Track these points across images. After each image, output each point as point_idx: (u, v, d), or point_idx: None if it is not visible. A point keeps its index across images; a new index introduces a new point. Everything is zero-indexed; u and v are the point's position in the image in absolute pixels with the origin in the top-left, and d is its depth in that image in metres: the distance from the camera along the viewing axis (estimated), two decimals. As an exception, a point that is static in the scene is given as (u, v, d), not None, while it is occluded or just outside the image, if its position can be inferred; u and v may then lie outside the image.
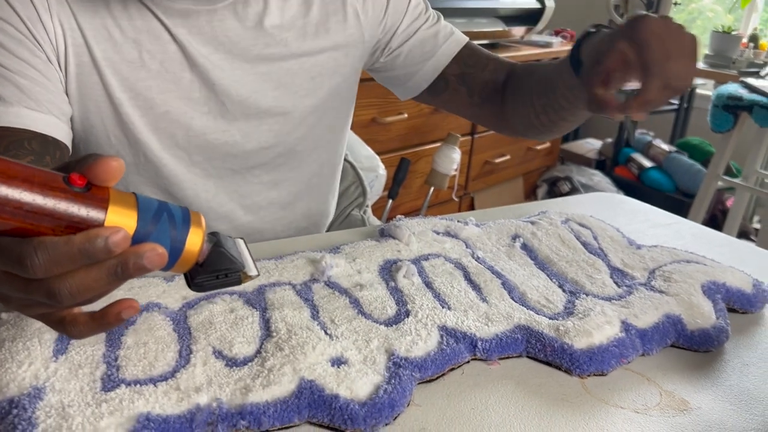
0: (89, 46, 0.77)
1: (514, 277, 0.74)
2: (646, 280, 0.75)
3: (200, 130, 0.85)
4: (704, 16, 3.62)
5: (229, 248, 0.44)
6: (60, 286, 0.38)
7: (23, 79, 0.71)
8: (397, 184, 1.95)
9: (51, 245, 0.36)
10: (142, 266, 0.38)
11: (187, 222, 0.41)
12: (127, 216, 0.39)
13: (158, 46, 0.80)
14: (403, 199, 2.34)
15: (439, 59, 0.95)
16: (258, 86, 0.86)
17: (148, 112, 0.82)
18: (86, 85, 0.78)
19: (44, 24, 0.74)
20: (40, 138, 0.71)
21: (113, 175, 0.38)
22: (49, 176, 0.37)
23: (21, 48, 0.72)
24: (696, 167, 2.99)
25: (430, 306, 0.66)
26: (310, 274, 0.71)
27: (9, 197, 0.35)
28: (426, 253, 0.78)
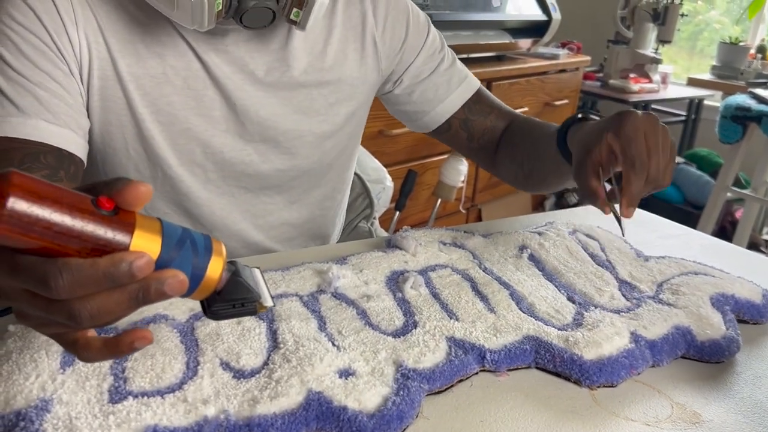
0: (114, 60, 0.78)
1: (522, 287, 0.74)
2: (654, 294, 0.75)
3: (218, 148, 0.86)
4: (711, 27, 3.63)
5: (246, 278, 0.44)
6: (81, 308, 0.37)
7: (43, 91, 0.72)
8: (404, 196, 1.95)
9: (76, 267, 0.36)
10: (163, 292, 0.38)
11: (209, 250, 0.42)
12: (152, 241, 0.39)
13: (182, 63, 0.81)
14: (411, 211, 2.34)
15: (449, 105, 0.98)
16: (278, 110, 0.87)
17: (169, 128, 0.82)
18: (109, 98, 0.79)
19: (70, 36, 0.75)
20: (55, 152, 0.71)
21: (141, 200, 0.38)
22: (78, 198, 0.37)
23: (44, 59, 0.73)
24: (704, 178, 2.98)
25: (438, 317, 0.65)
26: (317, 285, 0.71)
27: (39, 217, 0.35)
28: (433, 264, 0.78)
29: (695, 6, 3.62)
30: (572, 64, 2.86)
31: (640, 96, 3.01)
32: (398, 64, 0.95)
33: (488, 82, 2.41)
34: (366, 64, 0.92)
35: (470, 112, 0.99)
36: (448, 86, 0.97)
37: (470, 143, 1.01)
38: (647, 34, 3.08)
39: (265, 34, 0.84)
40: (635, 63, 3.13)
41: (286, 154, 0.90)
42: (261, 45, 0.84)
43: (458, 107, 0.98)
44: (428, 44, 0.96)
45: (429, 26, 0.97)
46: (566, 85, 2.86)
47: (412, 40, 0.94)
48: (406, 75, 0.96)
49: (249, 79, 0.84)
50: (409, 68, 0.95)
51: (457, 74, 0.98)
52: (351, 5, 0.91)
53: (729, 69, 2.97)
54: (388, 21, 0.92)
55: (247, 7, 0.73)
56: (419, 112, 0.99)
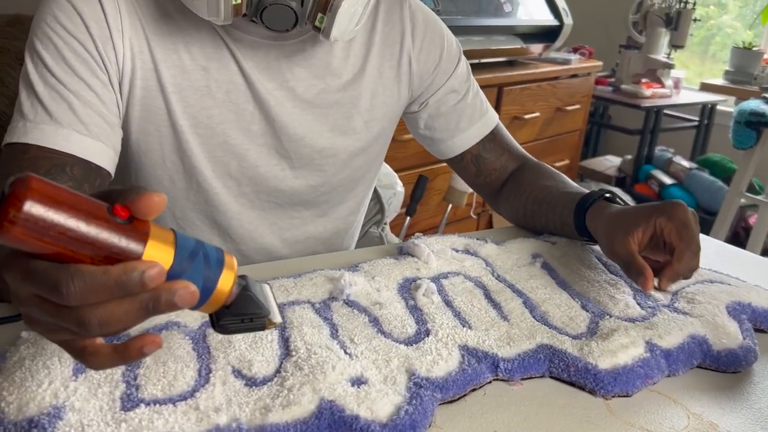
0: (158, 71, 0.78)
1: (535, 295, 0.73)
2: (670, 302, 0.74)
3: (253, 162, 0.86)
4: (724, 32, 3.61)
5: (256, 293, 0.44)
6: (90, 316, 0.37)
7: (78, 100, 0.72)
8: (415, 201, 1.94)
9: (88, 274, 0.36)
10: (173, 303, 0.38)
11: (221, 264, 0.41)
12: (165, 252, 0.39)
13: (226, 76, 0.81)
14: (421, 216, 2.33)
15: (465, 139, 0.98)
16: (315, 126, 0.87)
17: (207, 140, 0.83)
18: (150, 109, 0.79)
19: (115, 46, 0.75)
20: (83, 164, 0.71)
21: (155, 209, 0.38)
22: (94, 205, 0.37)
23: (84, 68, 0.73)
24: (717, 184, 2.96)
25: (451, 325, 0.65)
26: (329, 293, 0.71)
27: (54, 222, 0.35)
28: (445, 272, 0.77)
29: (707, 11, 3.60)
30: (584, 69, 2.85)
31: (652, 101, 3.00)
32: (428, 87, 0.95)
33: (499, 88, 2.41)
34: (400, 83, 0.93)
35: (484, 149, 0.99)
36: (470, 119, 0.97)
37: (477, 178, 1.02)
38: (659, 39, 3.07)
39: (305, 50, 0.84)
40: (647, 68, 3.11)
41: (319, 171, 0.91)
42: (303, 61, 0.84)
43: (474, 143, 0.98)
44: (458, 71, 0.96)
45: (460, 54, 0.98)
46: (578, 90, 2.85)
47: (445, 65, 0.95)
48: (433, 98, 0.96)
49: (289, 95, 0.84)
50: (437, 92, 0.96)
51: (479, 107, 0.98)
52: (390, 24, 0.91)
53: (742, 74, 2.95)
54: (425, 43, 0.93)
55: (267, 4, 0.72)
56: (437, 139, 0.99)
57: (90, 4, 0.73)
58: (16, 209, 0.34)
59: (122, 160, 0.80)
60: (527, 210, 0.94)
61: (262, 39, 0.81)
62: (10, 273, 0.38)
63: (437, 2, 2.15)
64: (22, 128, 0.71)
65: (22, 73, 0.73)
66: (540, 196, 0.92)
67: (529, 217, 0.94)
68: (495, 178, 1.01)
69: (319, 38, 0.84)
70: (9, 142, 0.71)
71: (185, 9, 0.76)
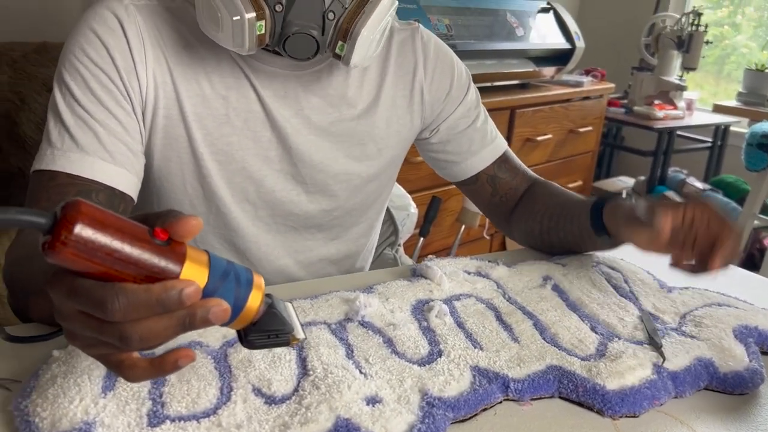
0: (180, 100, 0.81)
1: (545, 317, 0.75)
2: (677, 325, 0.75)
3: (270, 188, 0.89)
4: (738, 52, 3.62)
5: (281, 311, 0.47)
6: (132, 331, 0.40)
7: (103, 129, 0.75)
8: (428, 222, 1.96)
9: (131, 292, 0.39)
10: (207, 320, 0.41)
11: (250, 283, 0.44)
12: (200, 271, 0.42)
13: (244, 105, 0.84)
14: (435, 237, 2.35)
15: (480, 160, 1.01)
16: (330, 153, 0.90)
17: (226, 167, 0.86)
18: (172, 137, 0.82)
19: (139, 77, 0.78)
20: (108, 191, 0.74)
21: (192, 232, 0.41)
22: (137, 228, 0.40)
23: (109, 97, 0.76)
24: (731, 205, 2.95)
25: (463, 346, 0.67)
26: (344, 314, 0.73)
27: (102, 244, 0.38)
28: (457, 293, 0.80)
29: (722, 31, 3.61)
30: (596, 92, 2.87)
31: (665, 123, 3.01)
32: (439, 114, 0.98)
33: (512, 110, 2.43)
34: (412, 112, 0.96)
35: (499, 169, 1.02)
36: (482, 141, 1.00)
37: (492, 198, 1.03)
38: (672, 61, 3.08)
39: (321, 80, 0.87)
40: (660, 90, 3.13)
41: (333, 196, 0.93)
42: (319, 90, 0.87)
43: (488, 164, 1.01)
44: (468, 99, 0.99)
45: (470, 82, 1.01)
46: (590, 112, 2.87)
47: (455, 93, 0.98)
48: (443, 125, 0.99)
49: (306, 123, 0.87)
50: (448, 119, 0.98)
51: (489, 132, 1.01)
52: (403, 54, 0.94)
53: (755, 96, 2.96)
54: (436, 72, 0.96)
55: (290, 33, 0.74)
56: (450, 162, 1.02)
57: (115, 37, 0.77)
58: (67, 231, 0.37)
59: (145, 186, 0.83)
60: (543, 227, 0.96)
61: (280, 69, 0.84)
62: (55, 290, 0.41)
63: (450, 27, 2.19)
64: (50, 156, 0.74)
65: (50, 102, 0.77)
66: (556, 211, 0.94)
67: (545, 234, 0.96)
68: (510, 197, 1.03)
69: (334, 68, 0.87)
70: (38, 169, 0.74)
71: (206, 40, 0.79)
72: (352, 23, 0.75)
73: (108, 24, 0.77)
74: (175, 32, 0.81)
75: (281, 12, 0.74)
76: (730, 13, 3.61)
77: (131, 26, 0.78)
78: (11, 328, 0.67)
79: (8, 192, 1.27)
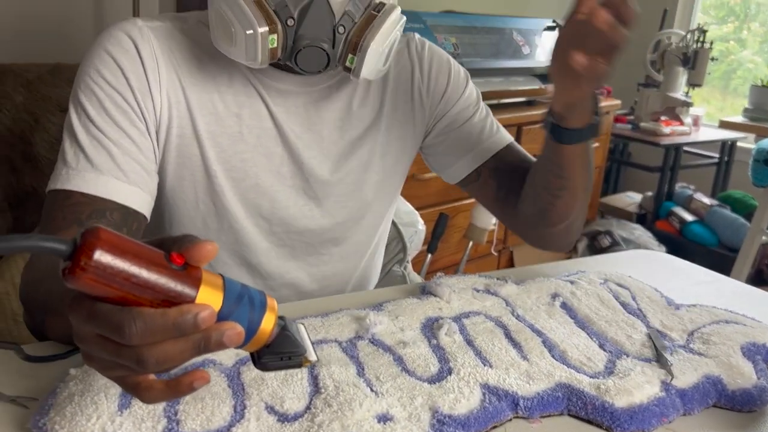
0: (193, 119, 0.83)
1: (554, 335, 0.76)
2: (685, 342, 0.76)
3: (283, 203, 0.90)
4: (744, 67, 3.63)
5: (294, 333, 0.48)
6: (149, 354, 0.41)
7: (117, 149, 0.77)
8: (436, 238, 1.97)
9: (148, 316, 0.40)
10: (222, 343, 0.42)
11: (264, 306, 0.45)
12: (215, 295, 0.43)
13: (257, 122, 0.86)
14: (442, 253, 2.36)
15: (480, 153, 0.98)
16: (339, 166, 0.92)
17: (239, 183, 0.87)
18: (185, 155, 0.84)
19: (153, 97, 0.80)
20: (122, 209, 0.76)
21: (207, 257, 0.43)
22: (154, 254, 0.41)
23: (123, 118, 0.78)
24: (739, 221, 2.95)
25: (472, 364, 0.68)
26: (354, 332, 0.74)
27: (121, 269, 0.39)
28: (467, 311, 0.80)
29: (727, 46, 3.63)
30: (602, 108, 2.89)
31: (671, 138, 3.02)
32: (438, 112, 0.98)
33: (519, 127, 2.45)
34: (414, 117, 0.97)
35: (501, 161, 0.99)
36: (479, 136, 0.99)
37: (498, 192, 0.99)
38: (677, 77, 3.10)
39: (331, 96, 0.89)
40: (666, 106, 3.14)
41: (345, 208, 0.94)
42: (329, 105, 0.89)
43: (489, 156, 0.98)
44: (465, 96, 0.99)
45: (468, 80, 1.01)
46: (597, 129, 2.88)
47: (451, 92, 0.98)
48: (440, 123, 0.99)
49: (316, 138, 0.89)
50: (446, 115, 0.98)
51: (489, 126, 1.00)
52: (400, 64, 0.96)
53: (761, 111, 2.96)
54: (432, 72, 0.97)
55: (301, 46, 0.76)
56: (450, 161, 1.01)
57: (130, 58, 0.79)
58: (87, 257, 0.38)
59: (157, 204, 0.84)
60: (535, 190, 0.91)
61: (291, 86, 0.86)
62: (75, 314, 0.42)
63: (457, 46, 2.21)
64: (65, 175, 0.75)
65: (66, 122, 0.79)
66: (534, 169, 0.92)
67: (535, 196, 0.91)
68: (516, 190, 0.98)
69: (342, 84, 0.89)
70: (53, 189, 0.76)
71: (219, 59, 0.81)
72: (361, 37, 0.77)
73: (123, 45, 0.79)
74: (188, 52, 0.83)
75: (293, 26, 0.75)
76: (735, 28, 3.62)
77: (145, 47, 0.80)
78: (28, 347, 0.68)
79: (23, 211, 1.29)
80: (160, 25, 0.83)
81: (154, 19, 0.84)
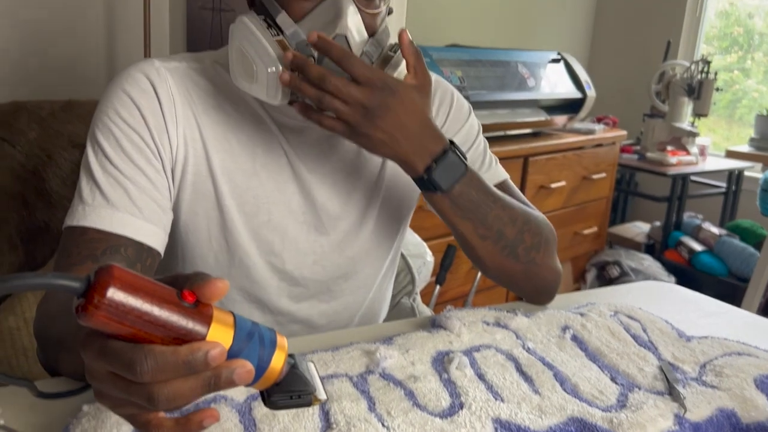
0: (208, 156, 0.84)
1: (565, 368, 0.75)
2: (698, 375, 0.75)
3: (294, 239, 0.90)
4: (749, 96, 3.64)
5: (303, 371, 0.48)
6: (159, 392, 0.41)
7: (133, 186, 0.78)
8: (444, 270, 1.97)
9: (160, 354, 0.41)
10: (232, 381, 0.42)
11: (274, 344, 0.46)
12: (225, 333, 0.43)
13: (271, 158, 0.87)
14: (451, 284, 2.36)
15: None
16: (350, 199, 0.93)
17: (252, 219, 0.88)
18: (200, 192, 0.85)
19: (170, 136, 0.82)
20: (136, 246, 0.77)
21: (219, 294, 0.43)
22: (166, 291, 0.42)
23: (140, 156, 0.79)
24: (749, 251, 2.94)
25: (484, 398, 0.67)
26: (365, 366, 0.74)
27: (133, 307, 0.40)
28: (477, 344, 0.80)
29: (732, 76, 3.65)
30: (608, 139, 2.90)
31: (678, 168, 3.02)
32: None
33: (525, 158, 2.46)
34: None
35: None
36: (477, 169, 0.97)
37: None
38: (683, 107, 3.11)
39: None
40: (672, 136, 3.15)
41: (356, 241, 0.95)
42: (341, 139, 0.89)
43: None
44: (464, 130, 0.99)
45: (470, 114, 1.02)
46: (603, 159, 2.89)
47: (450, 124, 0.99)
48: None
49: (328, 173, 0.90)
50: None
51: (487, 160, 1.00)
52: None
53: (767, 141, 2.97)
54: (434, 104, 0.97)
55: None
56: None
57: (147, 98, 0.80)
58: (100, 296, 0.39)
59: (171, 239, 0.85)
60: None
61: (304, 122, 0.87)
62: (87, 351, 0.42)
63: (463, 79, 2.24)
64: (81, 212, 0.77)
65: (83, 160, 0.80)
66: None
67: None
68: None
69: None
70: (69, 225, 0.77)
71: (234, 97, 0.83)
72: None
73: (140, 86, 0.81)
74: (203, 92, 0.85)
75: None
76: (739, 58, 3.65)
77: (162, 87, 0.81)
78: (40, 383, 0.68)
79: (34, 246, 1.30)
80: (177, 66, 0.84)
81: (171, 59, 0.86)
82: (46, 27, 1.75)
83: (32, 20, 1.72)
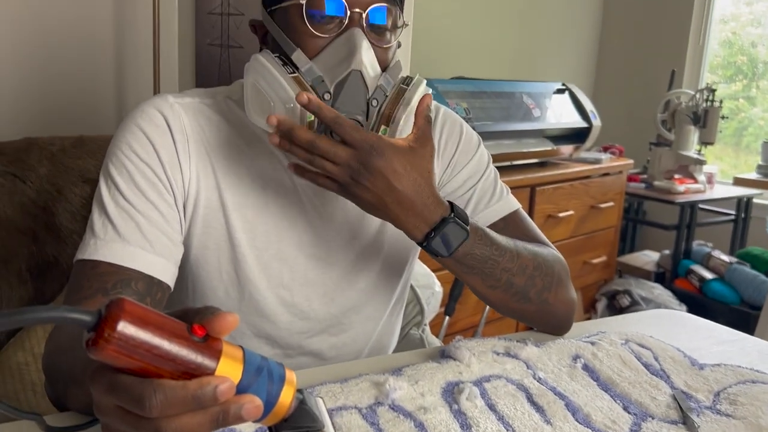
0: (220, 191, 0.85)
1: (577, 398, 0.74)
2: (711, 403, 0.74)
3: (302, 271, 0.90)
4: (756, 124, 3.65)
5: (312, 406, 0.48)
6: (167, 427, 0.41)
7: (145, 220, 0.79)
8: (453, 300, 1.96)
9: (169, 388, 0.41)
10: (240, 416, 0.42)
11: (282, 379, 0.46)
12: (234, 367, 0.43)
13: (281, 193, 0.88)
14: (460, 315, 2.34)
15: (487, 215, 0.97)
16: (359, 231, 0.93)
17: (262, 253, 0.88)
18: (211, 226, 0.86)
19: (182, 171, 0.82)
20: (147, 279, 0.77)
21: (228, 328, 0.43)
22: (176, 325, 0.42)
23: (152, 190, 0.80)
24: (760, 278, 2.91)
25: (495, 429, 0.67)
26: (374, 397, 0.73)
27: (143, 341, 0.40)
28: (487, 374, 0.79)
29: (737, 104, 3.66)
30: (615, 168, 2.91)
31: (686, 197, 3.02)
32: (443, 177, 0.99)
33: (532, 188, 2.46)
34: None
35: (505, 229, 0.96)
36: (490, 198, 0.98)
37: None
38: (689, 136, 3.12)
39: None
40: (679, 164, 3.15)
41: (365, 272, 0.95)
42: None
43: (493, 221, 0.97)
44: (473, 161, 0.99)
45: (479, 146, 1.01)
46: (610, 188, 2.89)
47: (459, 156, 0.98)
48: (447, 186, 0.98)
49: (336, 207, 0.90)
50: (451, 181, 0.98)
51: (499, 190, 1.00)
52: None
53: (775, 168, 2.97)
54: (443, 137, 0.98)
55: None
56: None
57: (160, 133, 0.81)
58: (111, 329, 0.39)
59: (181, 272, 0.85)
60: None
61: None
62: (95, 386, 0.42)
63: (468, 111, 2.26)
64: (92, 246, 0.77)
65: (96, 194, 0.81)
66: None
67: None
68: None
69: None
70: (81, 259, 0.77)
71: (246, 133, 0.85)
72: (394, 109, 0.78)
73: (154, 122, 0.82)
74: (216, 127, 0.86)
75: (329, 100, 0.77)
76: (744, 86, 3.67)
77: (176, 123, 0.82)
78: (49, 417, 0.68)
79: (43, 281, 1.30)
80: (190, 101, 0.86)
81: (184, 95, 0.87)
82: (58, 64, 1.78)
83: (45, 58, 1.76)
